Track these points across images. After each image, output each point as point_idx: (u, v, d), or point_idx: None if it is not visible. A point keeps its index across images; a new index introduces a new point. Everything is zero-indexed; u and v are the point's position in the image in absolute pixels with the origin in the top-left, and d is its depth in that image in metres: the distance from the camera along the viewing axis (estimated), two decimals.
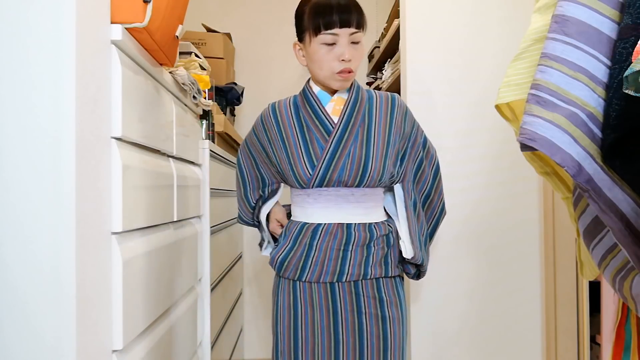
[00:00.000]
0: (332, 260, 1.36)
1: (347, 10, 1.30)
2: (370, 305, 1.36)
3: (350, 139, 1.37)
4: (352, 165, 1.35)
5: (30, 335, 0.77)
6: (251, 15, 3.29)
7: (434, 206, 1.52)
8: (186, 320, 1.43)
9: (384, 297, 1.37)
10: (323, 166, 1.35)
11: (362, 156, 1.35)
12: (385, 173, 1.37)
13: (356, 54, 1.34)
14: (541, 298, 2.03)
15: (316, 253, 1.37)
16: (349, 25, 1.31)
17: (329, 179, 1.36)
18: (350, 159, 1.35)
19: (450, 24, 2.05)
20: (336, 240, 1.36)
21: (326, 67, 1.34)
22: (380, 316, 1.35)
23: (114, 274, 0.92)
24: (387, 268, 1.39)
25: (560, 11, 0.81)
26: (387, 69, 2.65)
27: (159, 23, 1.01)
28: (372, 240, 1.37)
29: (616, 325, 1.01)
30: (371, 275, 1.36)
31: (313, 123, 1.40)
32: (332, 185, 1.37)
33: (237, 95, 2.69)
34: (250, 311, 3.21)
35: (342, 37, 1.31)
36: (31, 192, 0.77)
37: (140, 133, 1.05)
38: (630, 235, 0.75)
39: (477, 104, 2.02)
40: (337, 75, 1.34)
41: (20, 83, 0.78)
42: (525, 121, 0.78)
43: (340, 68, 1.33)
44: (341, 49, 1.32)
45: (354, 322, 1.35)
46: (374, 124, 1.39)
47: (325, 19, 1.30)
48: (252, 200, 1.56)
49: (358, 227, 1.37)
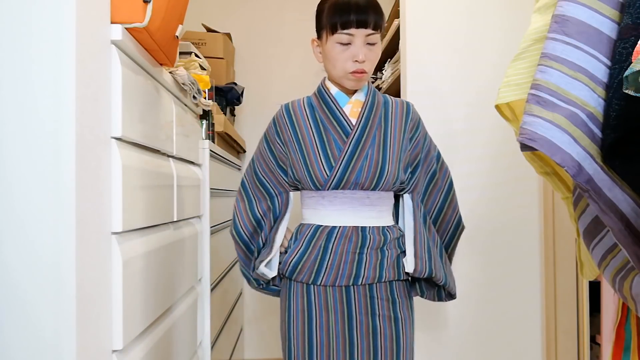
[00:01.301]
0: (348, 264, 1.34)
1: (364, 10, 1.30)
2: (384, 307, 1.36)
3: (368, 142, 1.36)
4: (370, 168, 1.34)
5: (30, 335, 0.77)
6: (251, 15, 3.29)
7: (447, 220, 1.48)
8: (186, 320, 1.43)
9: (397, 299, 1.37)
10: (341, 167, 1.34)
11: (380, 159, 1.35)
12: (399, 177, 1.38)
13: (371, 55, 1.34)
14: (541, 298, 2.03)
15: (331, 256, 1.34)
16: (365, 26, 1.31)
17: (346, 181, 1.34)
18: (368, 162, 1.35)
19: (450, 24, 2.05)
20: (352, 244, 1.35)
21: (339, 66, 1.34)
22: (393, 317, 1.36)
23: (114, 274, 0.92)
24: (399, 271, 1.38)
25: (560, 11, 0.81)
26: (387, 69, 2.65)
27: (159, 23, 1.01)
28: (386, 244, 1.37)
29: (616, 325, 1.01)
30: (385, 278, 1.36)
31: (330, 124, 1.39)
32: (349, 187, 1.35)
33: (237, 95, 2.69)
34: (250, 311, 3.21)
35: (358, 37, 1.31)
36: (31, 192, 0.77)
37: (140, 133, 1.05)
38: (630, 235, 0.75)
39: (477, 104, 2.02)
40: (350, 75, 1.34)
41: (20, 83, 0.78)
42: (525, 121, 0.78)
43: (353, 68, 1.33)
44: (356, 49, 1.32)
45: (368, 324, 1.35)
46: (390, 128, 1.40)
47: (343, 18, 1.30)
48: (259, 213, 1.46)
49: (372, 230, 1.36)
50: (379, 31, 1.34)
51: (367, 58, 1.33)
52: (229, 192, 2.28)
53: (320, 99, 1.42)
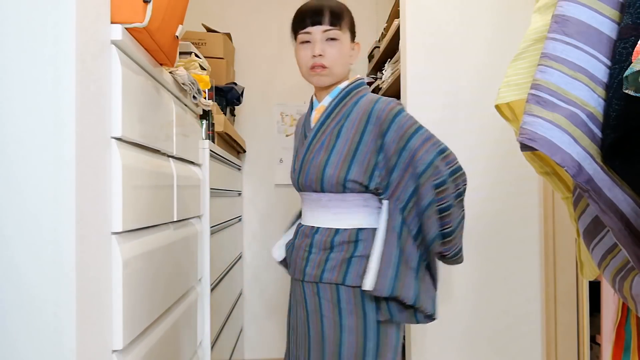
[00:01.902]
0: (300, 260, 1.43)
1: (319, 10, 1.40)
2: (329, 310, 1.35)
3: (317, 145, 1.42)
4: (314, 170, 1.40)
5: (30, 335, 0.77)
6: (251, 15, 3.29)
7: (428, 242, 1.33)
8: (186, 320, 1.43)
9: (343, 305, 1.33)
10: (298, 171, 1.46)
11: (322, 162, 1.39)
12: (347, 180, 1.34)
13: (331, 50, 1.40)
14: (541, 298, 2.03)
15: (295, 252, 1.47)
16: (320, 23, 1.39)
17: (302, 183, 1.45)
18: (313, 164, 1.41)
19: (450, 24, 2.05)
20: (306, 242, 1.43)
21: (303, 64, 1.44)
22: (338, 323, 1.34)
23: (114, 274, 0.92)
24: (346, 276, 1.33)
25: (560, 11, 0.81)
26: (387, 69, 2.65)
27: (159, 23, 1.01)
28: (333, 246, 1.37)
29: (616, 325, 1.01)
30: (326, 280, 1.36)
31: (302, 130, 1.51)
32: (306, 190, 1.45)
33: (237, 95, 2.69)
34: (250, 311, 3.21)
35: (316, 34, 1.40)
36: (31, 192, 0.77)
37: (140, 133, 1.05)
38: (630, 235, 0.75)
39: (476, 104, 2.02)
40: (310, 70, 1.42)
41: (20, 83, 0.78)
42: (525, 121, 0.78)
43: (311, 62, 1.40)
44: (313, 45, 1.40)
45: (317, 323, 1.38)
46: (344, 130, 1.39)
47: (300, 20, 1.42)
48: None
49: (324, 231, 1.40)
50: (338, 27, 1.40)
51: (326, 53, 1.39)
52: (229, 192, 2.28)
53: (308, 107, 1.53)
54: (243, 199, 3.20)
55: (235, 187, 2.72)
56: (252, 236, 3.23)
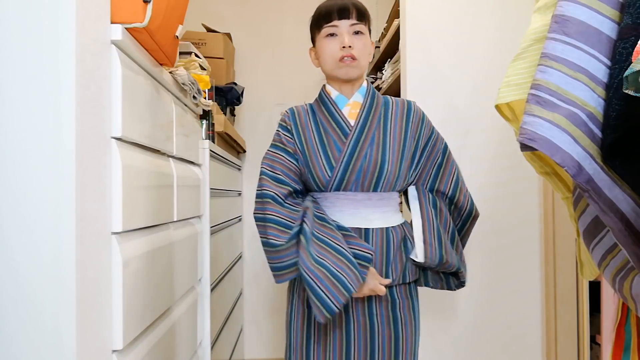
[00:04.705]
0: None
1: (345, 4, 1.40)
2: (382, 307, 1.36)
3: (367, 142, 1.38)
4: (369, 168, 1.36)
5: (30, 335, 0.77)
6: (251, 15, 3.29)
7: (460, 206, 1.47)
8: (186, 320, 1.43)
9: (397, 300, 1.38)
10: (341, 168, 1.36)
11: (379, 159, 1.36)
12: (400, 177, 1.39)
13: (359, 43, 1.40)
14: (541, 298, 2.03)
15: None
16: (348, 17, 1.39)
17: (347, 182, 1.37)
18: (367, 162, 1.36)
19: (450, 24, 2.05)
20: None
21: (329, 55, 1.41)
22: (392, 318, 1.36)
23: (114, 274, 0.92)
24: (405, 274, 1.38)
25: (560, 11, 0.81)
26: (387, 69, 2.65)
27: (159, 23, 1.01)
28: (390, 245, 1.37)
29: (616, 325, 1.01)
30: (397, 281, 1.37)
31: (330, 126, 1.42)
32: (350, 188, 1.37)
33: (237, 95, 2.69)
34: (250, 311, 3.21)
35: (342, 27, 1.39)
36: (31, 192, 0.77)
37: (140, 133, 1.05)
38: (630, 235, 0.75)
39: (476, 104, 2.02)
40: (339, 62, 1.39)
41: (20, 83, 0.78)
42: (525, 121, 0.78)
43: (341, 54, 1.39)
44: (342, 37, 1.39)
45: (365, 323, 1.36)
46: (389, 128, 1.41)
47: (326, 14, 1.41)
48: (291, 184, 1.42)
49: (376, 231, 1.37)
50: (363, 23, 1.41)
51: (355, 45, 1.39)
52: (229, 192, 2.28)
53: (321, 104, 1.46)
54: (243, 199, 3.20)
55: (235, 187, 2.72)
56: (252, 236, 3.23)
